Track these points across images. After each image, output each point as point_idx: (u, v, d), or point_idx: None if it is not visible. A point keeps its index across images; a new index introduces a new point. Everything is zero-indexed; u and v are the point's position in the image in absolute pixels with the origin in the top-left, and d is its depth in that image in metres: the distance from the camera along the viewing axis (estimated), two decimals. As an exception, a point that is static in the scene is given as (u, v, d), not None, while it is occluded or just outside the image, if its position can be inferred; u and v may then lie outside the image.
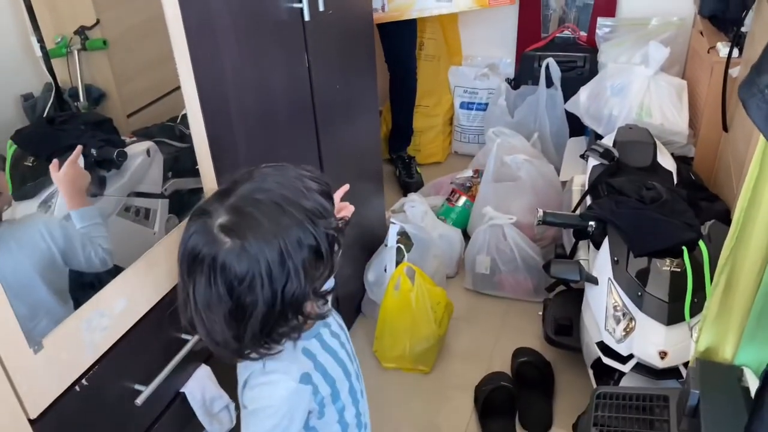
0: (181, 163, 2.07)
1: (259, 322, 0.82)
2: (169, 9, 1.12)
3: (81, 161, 1.55)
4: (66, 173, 1.28)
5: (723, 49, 1.97)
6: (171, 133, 2.15)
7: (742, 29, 1.93)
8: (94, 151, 1.76)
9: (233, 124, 1.35)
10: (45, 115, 1.98)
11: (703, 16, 2.24)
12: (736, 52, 1.89)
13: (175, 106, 2.38)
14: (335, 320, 1.03)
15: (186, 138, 2.14)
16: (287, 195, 0.85)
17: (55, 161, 1.30)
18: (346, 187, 1.07)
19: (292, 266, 0.81)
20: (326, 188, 0.90)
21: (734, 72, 1.90)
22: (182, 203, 1.80)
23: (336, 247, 0.88)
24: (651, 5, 2.57)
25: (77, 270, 1.19)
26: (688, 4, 2.47)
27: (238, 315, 0.82)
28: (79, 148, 1.41)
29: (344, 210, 1.05)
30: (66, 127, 1.85)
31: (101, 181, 1.67)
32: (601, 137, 2.12)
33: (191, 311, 0.84)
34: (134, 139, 1.95)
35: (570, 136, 2.56)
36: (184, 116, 2.25)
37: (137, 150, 1.92)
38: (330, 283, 0.92)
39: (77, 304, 1.06)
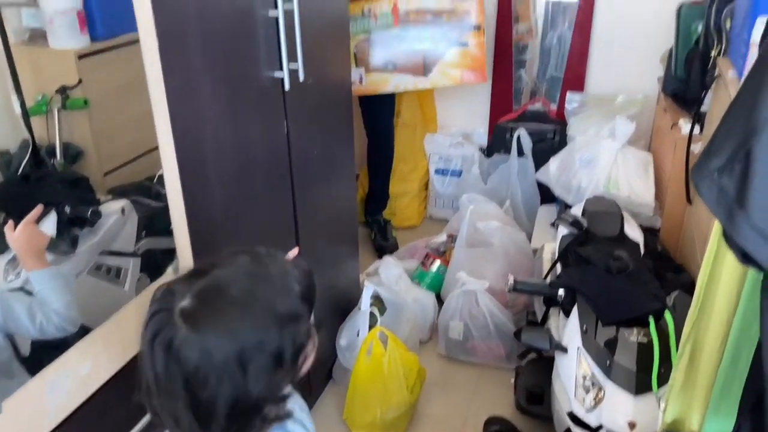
0: (156, 222, 2.07)
1: (223, 419, 0.77)
2: (152, 71, 1.15)
3: (53, 221, 1.52)
4: (20, 234, 1.22)
5: (685, 126, 2.06)
6: (147, 192, 2.16)
7: (702, 108, 2.02)
8: (67, 209, 1.76)
9: (210, 185, 1.37)
10: (20, 172, 1.98)
11: (666, 94, 2.35)
12: (697, 129, 1.98)
13: (153, 165, 2.39)
14: (297, 403, 0.95)
15: (162, 197, 2.14)
16: (260, 292, 0.81)
17: (10, 222, 1.25)
18: (295, 251, 1.03)
19: (251, 368, 0.77)
20: (309, 293, 0.86)
21: (696, 148, 1.98)
22: (154, 262, 1.79)
23: (301, 358, 0.84)
24: (617, 82, 2.70)
25: (31, 338, 1.14)
26: (652, 83, 2.60)
27: (200, 411, 0.77)
28: (38, 208, 1.37)
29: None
30: (41, 184, 1.85)
31: (73, 240, 1.66)
32: (570, 207, 2.18)
33: (153, 396, 0.79)
34: (110, 197, 1.95)
35: (541, 204, 2.63)
36: (162, 176, 2.26)
37: (112, 208, 1.92)
38: (289, 389, 0.87)
39: (41, 365, 1.04)
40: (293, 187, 1.69)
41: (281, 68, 1.50)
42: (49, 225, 1.71)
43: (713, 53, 1.97)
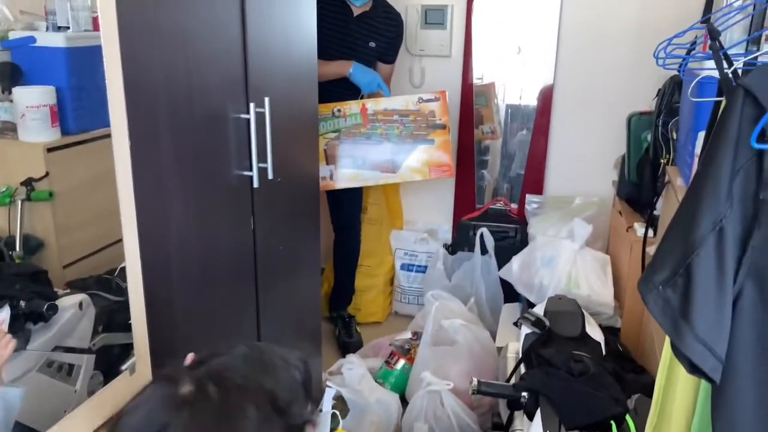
0: (114, 317, 2.01)
1: None
2: (121, 167, 1.16)
3: (6, 316, 1.48)
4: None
5: (639, 229, 2.15)
6: (107, 286, 2.11)
7: (655, 212, 2.12)
8: (23, 304, 1.71)
9: (172, 281, 1.36)
10: (-24, 264, 1.92)
11: (620, 197, 2.47)
12: (651, 233, 2.06)
13: (115, 258, 2.36)
14: None
15: (122, 292, 2.10)
16: (260, 380, 0.80)
17: None
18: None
19: None
20: (308, 383, 0.86)
21: (651, 250, 2.06)
22: (110, 359, 1.72)
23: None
24: (574, 185, 2.82)
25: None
26: (607, 186, 2.72)
27: None
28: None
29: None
30: (-3, 277, 1.80)
31: (26, 336, 1.61)
32: (533, 305, 2.21)
33: None
34: (68, 291, 1.90)
35: (505, 302, 2.65)
36: (123, 269, 2.23)
37: (69, 303, 1.87)
38: None
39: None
40: (257, 283, 1.68)
41: (251, 167, 1.54)
42: (1, 320, 1.65)
43: (662, 161, 2.09)
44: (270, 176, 1.58)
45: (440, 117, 2.46)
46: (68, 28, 2.23)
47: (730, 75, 0.88)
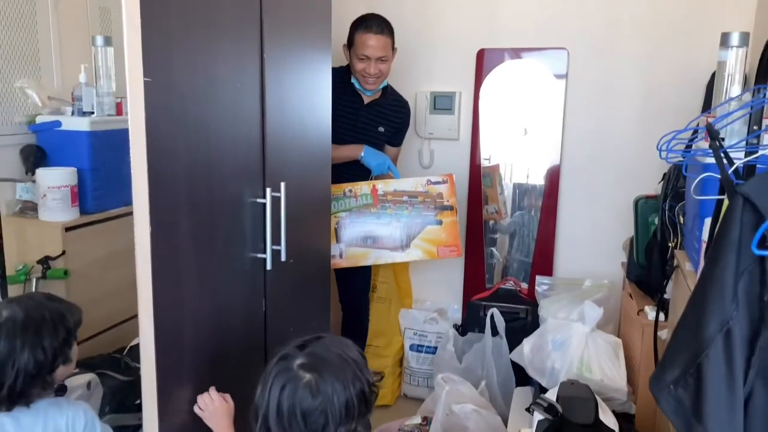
0: (121, 397, 2.00)
1: None
2: (140, 248, 1.19)
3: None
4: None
5: (650, 312, 2.14)
6: (116, 365, 2.11)
7: (665, 296, 2.11)
8: (33, 384, 1.71)
9: (184, 360, 1.36)
10: (-11, 342, 1.93)
11: (630, 280, 2.46)
12: (662, 316, 2.05)
13: (124, 336, 2.37)
14: None
15: (131, 371, 2.10)
16: (345, 350, 1.16)
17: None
18: None
19: (351, 401, 1.08)
20: (361, 351, 1.22)
21: (663, 334, 2.04)
22: (115, 443, 1.69)
23: (372, 396, 1.16)
24: (584, 268, 2.82)
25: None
26: (617, 269, 2.72)
27: None
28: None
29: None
30: (9, 357, 1.80)
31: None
32: (545, 389, 2.17)
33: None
34: (77, 370, 1.90)
35: (516, 385, 2.60)
36: (132, 348, 2.24)
37: (78, 383, 1.87)
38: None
39: None
40: (267, 364, 1.67)
41: (264, 250, 1.57)
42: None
43: (670, 244, 2.10)
44: (283, 258, 1.61)
45: (448, 199, 2.52)
46: (92, 113, 2.34)
47: (731, 175, 0.91)
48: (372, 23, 2.41)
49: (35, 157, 2.22)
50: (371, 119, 2.60)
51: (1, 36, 2.18)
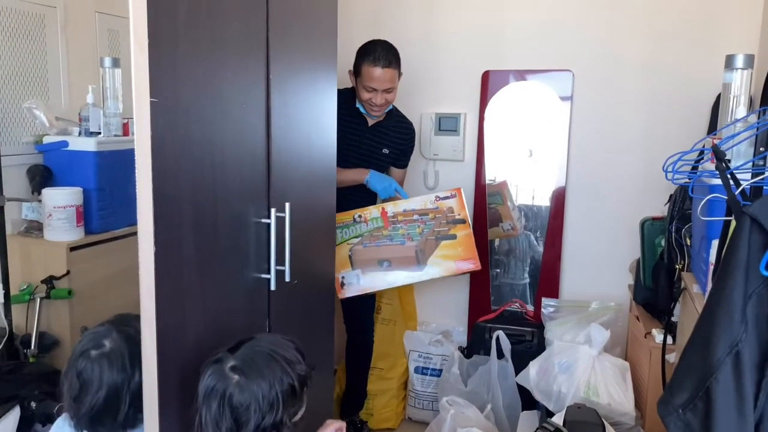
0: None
1: None
2: (144, 268, 1.19)
3: (15, 418, 1.50)
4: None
5: (658, 335, 2.11)
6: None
7: (673, 318, 2.09)
8: (33, 405, 1.70)
9: (187, 381, 1.34)
10: (-9, 363, 1.93)
11: (637, 302, 2.44)
12: (670, 339, 2.03)
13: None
14: None
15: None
16: (275, 348, 1.26)
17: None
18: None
19: (277, 396, 1.20)
20: (299, 347, 1.31)
21: (671, 357, 2.01)
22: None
23: (305, 389, 1.28)
24: (590, 290, 2.80)
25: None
26: (623, 291, 2.70)
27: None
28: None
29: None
30: (9, 377, 1.80)
31: (34, 439, 1.58)
32: (551, 413, 2.14)
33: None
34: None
35: (523, 409, 2.57)
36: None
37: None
38: (299, 416, 1.28)
39: None
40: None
41: (269, 270, 1.56)
42: (10, 422, 1.64)
43: (678, 266, 2.09)
44: (287, 279, 1.60)
45: (458, 212, 2.49)
46: (99, 133, 2.35)
47: (738, 196, 0.90)
48: (380, 56, 2.39)
49: (41, 176, 2.23)
50: (376, 141, 2.60)
51: (11, 56, 2.20)
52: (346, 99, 2.50)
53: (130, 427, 1.34)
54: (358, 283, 2.47)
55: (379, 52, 2.40)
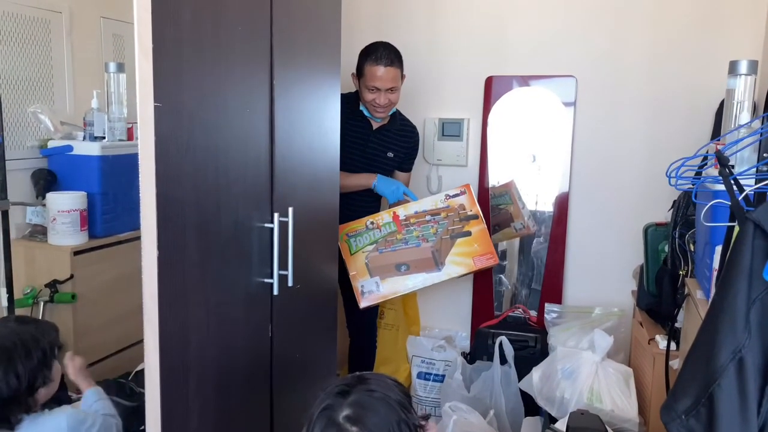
0: (126, 423, 1.98)
1: None
2: (147, 273, 1.19)
3: None
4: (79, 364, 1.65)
5: (662, 341, 2.11)
6: (121, 390, 2.10)
7: (676, 324, 2.08)
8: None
9: (189, 384, 1.34)
10: (-6, 366, 1.93)
11: (640, 308, 2.43)
12: (673, 346, 2.02)
13: (130, 361, 2.37)
14: None
15: (136, 396, 2.08)
16: (388, 393, 1.16)
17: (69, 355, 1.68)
18: None
19: None
20: (404, 389, 1.22)
21: (674, 363, 2.00)
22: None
23: None
24: (593, 296, 2.80)
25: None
26: (627, 297, 2.70)
27: None
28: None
29: None
30: (14, 381, 1.80)
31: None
32: (554, 419, 2.13)
33: None
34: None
35: (525, 415, 2.56)
36: (138, 373, 2.22)
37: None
38: None
39: None
40: (272, 390, 1.66)
41: (271, 275, 1.56)
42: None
43: (681, 272, 2.08)
44: (290, 283, 1.60)
45: (470, 208, 2.48)
46: (104, 137, 2.36)
47: (741, 201, 0.90)
48: (381, 55, 2.41)
49: (46, 180, 2.24)
50: (380, 145, 2.61)
51: (17, 61, 2.22)
52: (350, 103, 2.51)
53: (5, 428, 1.40)
54: (378, 290, 2.45)
55: (381, 52, 2.42)
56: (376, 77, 2.41)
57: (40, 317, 2.10)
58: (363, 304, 2.43)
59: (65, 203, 2.16)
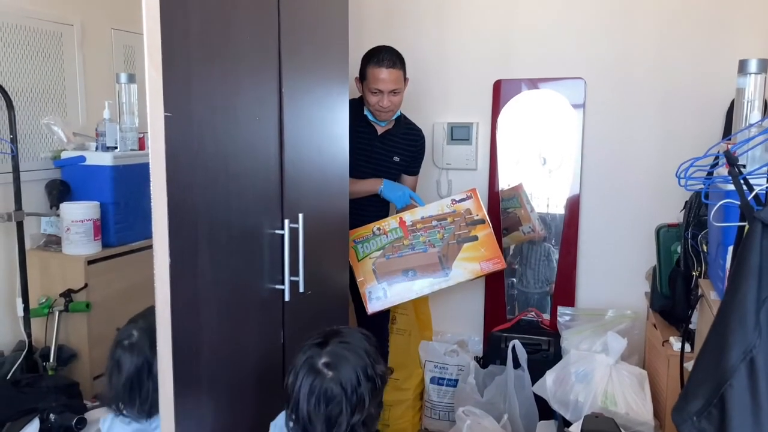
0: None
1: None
2: (160, 281, 1.20)
3: (35, 430, 1.54)
4: None
5: (676, 343, 2.09)
6: (135, 399, 2.10)
7: (690, 326, 2.07)
8: (52, 417, 1.72)
9: (202, 392, 1.35)
10: (10, 376, 1.96)
11: (654, 310, 2.42)
12: (688, 347, 2.00)
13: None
14: None
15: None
16: (360, 345, 1.37)
17: None
18: None
19: (368, 392, 1.31)
20: (376, 347, 1.41)
21: (689, 365, 1.99)
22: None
23: (382, 384, 1.37)
24: (606, 298, 2.78)
25: None
26: (640, 299, 2.68)
27: (331, 426, 1.29)
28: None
29: None
30: (29, 390, 1.83)
31: (53, 451, 1.60)
32: (569, 423, 2.12)
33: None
34: (96, 403, 1.91)
35: (540, 419, 2.54)
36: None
37: (98, 416, 1.87)
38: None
39: None
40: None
41: (283, 281, 1.57)
42: (31, 434, 1.65)
43: (694, 273, 2.07)
44: (301, 289, 1.61)
45: (477, 213, 2.48)
46: (116, 147, 2.39)
47: (752, 201, 0.90)
48: (384, 57, 2.43)
49: (59, 191, 2.26)
50: (386, 149, 2.61)
51: (30, 74, 2.25)
52: (355, 109, 2.52)
53: (157, 413, 1.36)
54: (385, 296, 2.45)
55: (383, 54, 2.43)
56: (378, 79, 2.42)
57: (55, 327, 2.12)
58: (371, 310, 2.43)
59: (79, 213, 2.18)
